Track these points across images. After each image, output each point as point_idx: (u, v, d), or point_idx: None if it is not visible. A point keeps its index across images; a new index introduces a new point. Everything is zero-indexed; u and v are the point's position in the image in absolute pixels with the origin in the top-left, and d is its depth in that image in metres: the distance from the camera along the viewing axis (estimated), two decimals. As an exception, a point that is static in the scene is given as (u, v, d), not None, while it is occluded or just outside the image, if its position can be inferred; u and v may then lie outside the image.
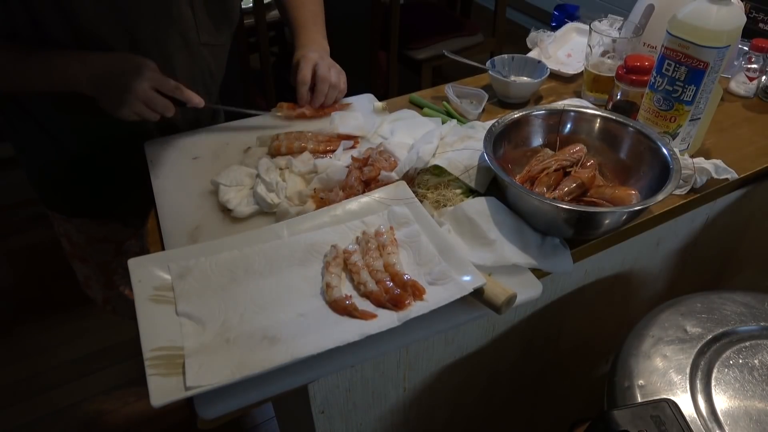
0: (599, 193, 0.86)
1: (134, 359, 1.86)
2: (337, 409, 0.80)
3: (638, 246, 1.00)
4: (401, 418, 0.91)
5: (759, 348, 0.78)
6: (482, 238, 0.79)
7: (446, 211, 0.84)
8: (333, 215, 0.83)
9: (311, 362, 0.66)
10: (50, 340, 1.94)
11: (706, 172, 0.93)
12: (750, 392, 0.72)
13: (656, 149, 0.86)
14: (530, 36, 1.34)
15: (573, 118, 0.94)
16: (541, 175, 0.87)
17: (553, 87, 1.24)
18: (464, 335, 0.86)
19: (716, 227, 1.12)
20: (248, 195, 0.88)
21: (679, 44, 0.86)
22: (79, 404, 1.75)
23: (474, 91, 1.15)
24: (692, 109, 0.91)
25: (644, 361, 0.77)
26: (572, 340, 1.10)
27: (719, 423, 0.69)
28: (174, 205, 0.89)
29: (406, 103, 1.17)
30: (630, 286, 1.10)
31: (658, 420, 0.65)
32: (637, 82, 1.01)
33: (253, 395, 0.64)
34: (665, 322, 0.82)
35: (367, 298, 0.71)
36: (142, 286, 0.71)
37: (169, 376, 0.61)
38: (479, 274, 0.72)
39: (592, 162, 0.90)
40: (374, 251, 0.76)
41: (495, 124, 0.89)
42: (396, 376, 0.83)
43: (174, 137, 1.03)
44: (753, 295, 0.86)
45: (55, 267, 2.23)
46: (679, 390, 0.72)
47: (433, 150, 0.91)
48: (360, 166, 0.90)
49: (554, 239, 0.82)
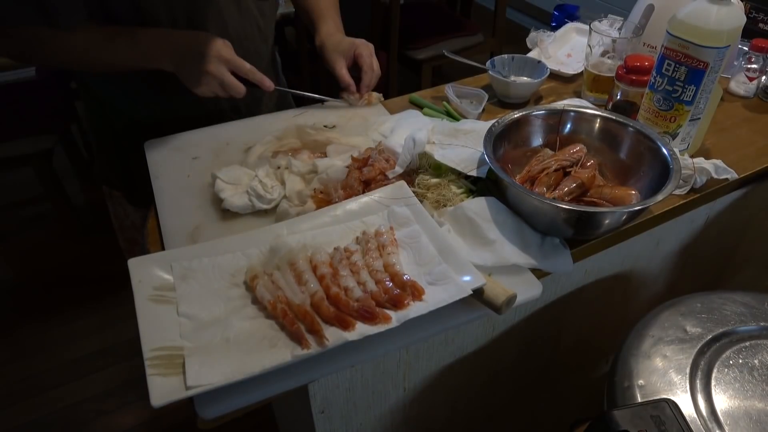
0: (599, 193, 0.86)
1: (134, 359, 1.87)
2: (337, 409, 0.80)
3: (638, 246, 1.00)
4: (401, 418, 0.91)
5: (759, 348, 0.78)
6: (482, 238, 0.79)
7: (446, 211, 0.84)
8: (333, 215, 0.83)
9: (311, 362, 0.66)
10: (50, 340, 1.95)
11: (706, 172, 0.93)
12: (750, 392, 0.72)
13: (656, 149, 0.86)
14: (530, 36, 1.34)
15: (573, 118, 0.94)
16: (541, 175, 0.87)
17: (553, 87, 1.24)
18: (464, 335, 0.86)
19: (716, 227, 1.12)
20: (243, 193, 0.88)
21: (679, 44, 0.86)
22: (79, 404, 1.76)
23: (474, 91, 1.15)
24: (692, 109, 0.91)
25: (644, 361, 0.77)
26: (572, 340, 1.10)
27: (719, 423, 0.69)
28: (174, 205, 0.89)
29: (406, 103, 1.17)
30: (630, 286, 1.10)
31: (658, 420, 0.65)
32: (637, 82, 1.01)
33: (253, 395, 0.64)
34: (665, 322, 0.82)
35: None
36: (142, 286, 0.71)
37: (169, 376, 0.61)
38: (479, 275, 0.72)
39: (592, 162, 0.90)
40: (374, 251, 0.76)
41: (495, 124, 0.89)
42: (396, 376, 0.83)
43: (174, 137, 1.03)
44: (753, 295, 0.86)
45: (55, 267, 2.23)
46: (679, 390, 0.72)
47: (425, 138, 0.91)
48: (360, 166, 0.90)
49: (554, 239, 0.82)
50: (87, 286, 2.14)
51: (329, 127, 1.05)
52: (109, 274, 2.13)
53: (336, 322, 0.67)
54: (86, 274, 2.19)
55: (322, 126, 1.05)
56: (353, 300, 0.69)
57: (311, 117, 1.09)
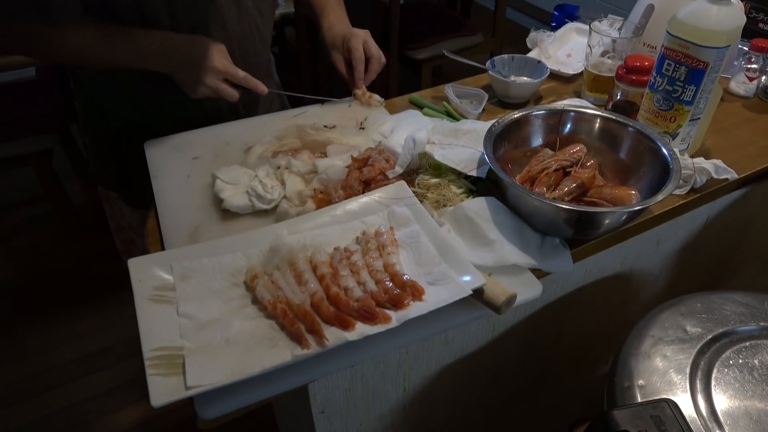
0: (599, 193, 0.86)
1: (134, 359, 1.87)
2: (337, 409, 0.80)
3: (638, 246, 1.00)
4: (401, 418, 0.91)
5: (759, 348, 0.78)
6: (482, 238, 0.79)
7: (446, 211, 0.84)
8: (333, 215, 0.82)
9: (311, 362, 0.66)
10: (50, 340, 1.94)
11: (706, 172, 0.93)
12: (750, 392, 0.72)
13: (656, 149, 0.86)
14: (530, 36, 1.34)
15: (573, 118, 0.94)
16: (541, 175, 0.87)
17: (553, 87, 1.24)
18: (464, 335, 0.86)
19: (716, 227, 1.12)
20: (243, 193, 0.88)
21: (679, 44, 0.86)
22: (79, 404, 1.75)
23: (474, 91, 1.15)
24: (692, 109, 0.91)
25: (644, 361, 0.77)
26: (572, 340, 1.10)
27: (719, 423, 0.69)
28: (174, 205, 0.89)
29: (406, 103, 1.17)
30: (630, 286, 1.10)
31: (658, 420, 0.65)
32: (637, 82, 1.01)
33: (253, 395, 0.64)
34: (665, 322, 0.82)
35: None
36: (142, 286, 0.71)
37: (169, 376, 0.61)
38: (479, 275, 0.72)
39: (592, 162, 0.90)
40: (374, 251, 0.76)
41: (495, 124, 0.89)
42: (396, 376, 0.83)
43: (174, 137, 1.03)
44: (753, 295, 0.86)
45: (55, 267, 2.23)
46: (679, 390, 0.72)
47: (425, 138, 0.92)
48: (360, 166, 0.90)
49: (554, 239, 0.82)
50: (87, 286, 2.14)
51: (329, 127, 1.05)
52: (109, 274, 2.13)
53: (336, 322, 0.67)
54: (86, 274, 2.19)
55: (322, 126, 1.05)
56: (353, 300, 0.69)
57: (311, 117, 1.09)
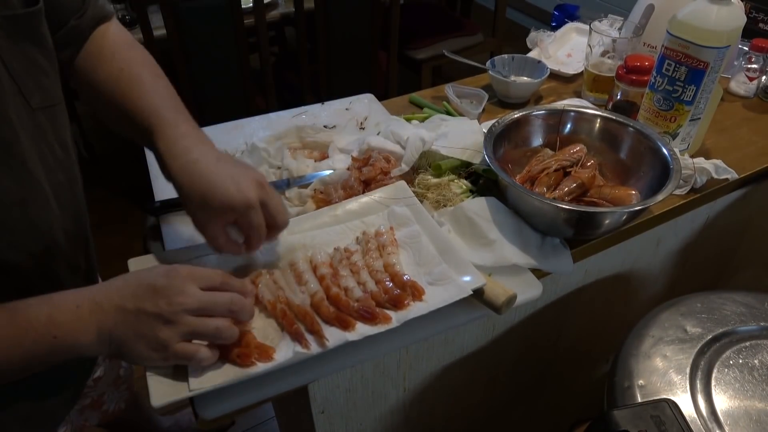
0: (599, 193, 0.86)
1: (134, 359, 1.86)
2: (337, 409, 0.80)
3: (638, 246, 1.00)
4: (401, 418, 0.91)
5: (759, 348, 0.78)
6: (482, 238, 0.79)
7: (446, 211, 0.84)
8: (333, 215, 0.82)
9: (311, 362, 0.66)
10: (50, 340, 1.94)
11: (706, 172, 0.93)
12: (750, 392, 0.72)
13: (656, 149, 0.86)
14: (530, 36, 1.34)
15: (573, 118, 0.94)
16: (541, 175, 0.87)
17: (553, 87, 1.24)
18: (464, 335, 0.86)
19: (716, 227, 1.12)
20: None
21: (679, 44, 0.86)
22: (79, 404, 1.75)
23: (474, 91, 1.15)
24: (692, 109, 0.91)
25: (644, 361, 0.77)
26: (572, 340, 1.10)
27: (719, 423, 0.69)
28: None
29: (406, 103, 1.17)
30: (630, 286, 1.10)
31: (658, 420, 0.65)
32: (637, 82, 1.01)
33: (253, 395, 0.64)
34: (665, 322, 0.82)
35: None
36: (142, 286, 0.70)
37: (169, 376, 0.61)
38: (479, 275, 0.72)
39: (592, 162, 0.90)
40: (374, 251, 0.76)
41: (495, 124, 0.89)
42: (396, 376, 0.83)
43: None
44: (753, 295, 0.86)
45: (55, 267, 2.23)
46: (679, 390, 0.72)
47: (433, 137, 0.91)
48: (360, 166, 0.90)
49: (554, 239, 0.82)
50: (87, 286, 2.14)
51: (329, 127, 1.05)
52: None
53: (336, 323, 0.67)
54: (86, 274, 2.19)
55: (322, 126, 1.05)
56: (353, 300, 0.69)
57: (311, 117, 1.09)
